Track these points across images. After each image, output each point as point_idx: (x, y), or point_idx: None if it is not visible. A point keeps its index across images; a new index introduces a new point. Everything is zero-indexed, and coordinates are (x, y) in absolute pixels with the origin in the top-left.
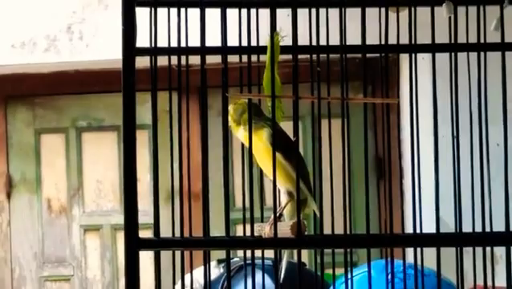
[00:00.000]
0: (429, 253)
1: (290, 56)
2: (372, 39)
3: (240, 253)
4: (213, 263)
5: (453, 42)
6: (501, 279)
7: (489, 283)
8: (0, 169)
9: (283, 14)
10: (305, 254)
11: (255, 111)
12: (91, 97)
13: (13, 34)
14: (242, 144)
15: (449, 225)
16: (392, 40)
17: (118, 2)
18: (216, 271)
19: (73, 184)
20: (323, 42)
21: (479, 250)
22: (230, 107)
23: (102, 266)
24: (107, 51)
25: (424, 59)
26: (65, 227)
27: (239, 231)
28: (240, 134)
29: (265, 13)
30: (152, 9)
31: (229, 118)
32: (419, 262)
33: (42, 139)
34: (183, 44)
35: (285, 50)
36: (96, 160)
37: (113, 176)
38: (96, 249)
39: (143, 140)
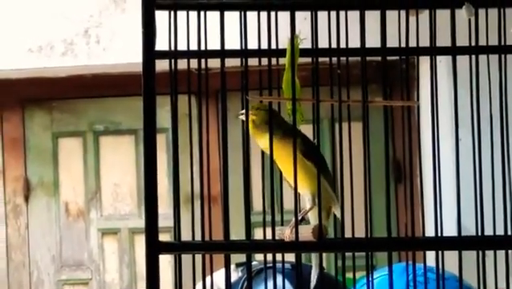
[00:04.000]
0: (450, 256)
1: (308, 59)
2: (392, 42)
3: (258, 256)
4: (232, 267)
5: (473, 44)
6: None
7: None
8: (18, 173)
9: (303, 17)
10: (323, 258)
11: (278, 119)
12: (108, 101)
13: (30, 38)
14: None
15: (468, 229)
16: (412, 43)
17: (135, 6)
18: (234, 275)
19: (91, 187)
20: (342, 45)
21: (500, 253)
22: (253, 114)
23: (120, 269)
24: (124, 55)
25: (441, 61)
26: (83, 231)
27: (258, 235)
28: (264, 142)
29: (284, 16)
30: (172, 12)
31: (251, 126)
32: (439, 266)
33: (59, 142)
34: (202, 47)
35: (305, 53)
36: (114, 163)
37: (130, 179)
38: (114, 252)
39: (162, 143)
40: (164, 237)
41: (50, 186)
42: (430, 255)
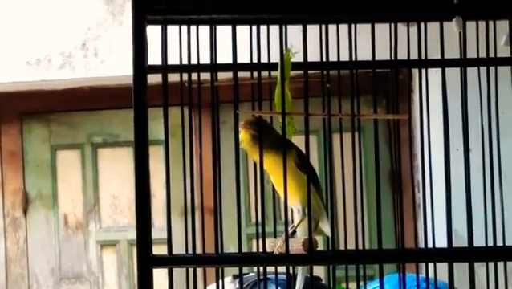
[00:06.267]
0: (444, 266)
1: (301, 72)
2: (385, 55)
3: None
4: (228, 278)
5: (462, 57)
6: None
7: None
8: (16, 186)
9: (295, 30)
10: (321, 269)
11: (273, 133)
12: (106, 113)
13: (28, 51)
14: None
15: (464, 238)
16: (405, 55)
17: None
18: (231, 286)
19: (89, 200)
20: (334, 58)
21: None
22: (244, 134)
23: (119, 281)
24: (121, 67)
25: (437, 72)
26: (82, 243)
27: (256, 246)
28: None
29: (278, 29)
30: (163, 27)
31: (245, 143)
32: (432, 276)
33: (57, 155)
34: (194, 61)
35: (296, 66)
36: (112, 175)
37: (129, 191)
38: (113, 264)
39: (158, 155)
40: (163, 249)
41: (48, 199)
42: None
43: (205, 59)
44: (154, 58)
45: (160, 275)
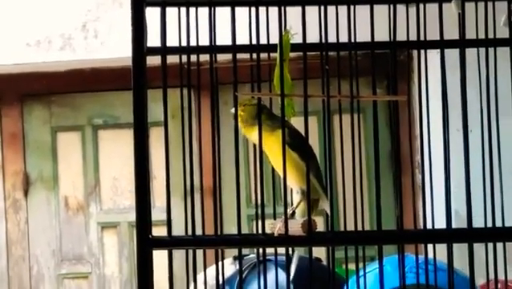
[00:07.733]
0: (444, 246)
1: (300, 53)
2: (385, 36)
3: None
4: (229, 260)
5: (461, 38)
6: None
7: (505, 278)
8: (17, 168)
9: (295, 12)
10: (322, 250)
11: (266, 111)
12: (106, 95)
13: (28, 33)
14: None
15: (465, 219)
16: (404, 36)
17: None
18: (232, 267)
19: (90, 181)
20: (334, 39)
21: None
22: (240, 110)
23: (119, 263)
24: (122, 49)
25: (436, 53)
26: (82, 224)
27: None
28: (254, 136)
29: (277, 10)
30: (162, 9)
31: (240, 121)
32: (431, 257)
33: (58, 137)
34: (194, 43)
35: (295, 47)
36: (113, 157)
37: (130, 173)
38: (114, 246)
39: (160, 136)
40: (164, 230)
41: (49, 181)
42: (429, 247)
43: (204, 41)
44: (153, 40)
45: (162, 256)
